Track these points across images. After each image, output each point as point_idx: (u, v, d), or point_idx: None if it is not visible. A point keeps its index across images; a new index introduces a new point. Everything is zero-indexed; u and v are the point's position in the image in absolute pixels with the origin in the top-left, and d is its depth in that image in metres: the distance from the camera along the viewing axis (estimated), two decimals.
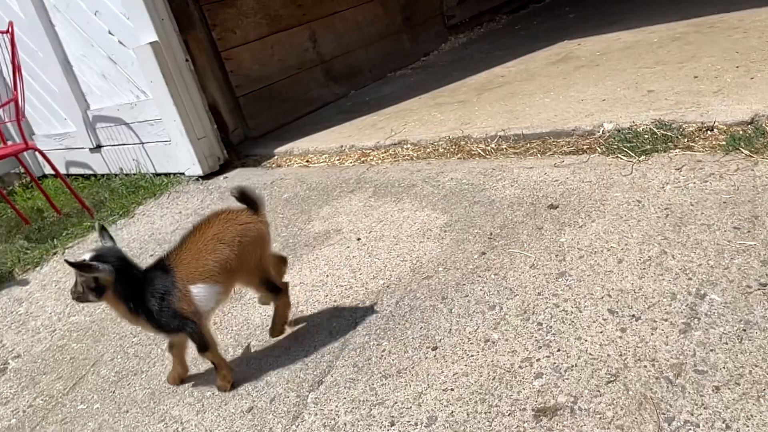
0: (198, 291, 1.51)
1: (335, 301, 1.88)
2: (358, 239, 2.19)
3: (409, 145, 2.91)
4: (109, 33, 3.51)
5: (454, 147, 2.68)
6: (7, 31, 3.44)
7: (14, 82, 3.44)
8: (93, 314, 2.37)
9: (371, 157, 2.98)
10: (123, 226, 3.23)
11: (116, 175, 4.09)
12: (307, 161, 3.29)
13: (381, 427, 1.36)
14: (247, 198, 1.59)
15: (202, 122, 3.44)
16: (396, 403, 1.41)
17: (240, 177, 3.36)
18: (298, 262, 2.19)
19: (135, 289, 1.52)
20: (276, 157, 3.50)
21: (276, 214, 2.66)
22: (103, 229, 1.63)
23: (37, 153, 3.96)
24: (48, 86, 4.20)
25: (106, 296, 1.53)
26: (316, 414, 1.46)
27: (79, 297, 1.55)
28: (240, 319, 1.98)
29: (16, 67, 3.41)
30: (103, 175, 4.25)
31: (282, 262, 1.80)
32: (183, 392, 1.73)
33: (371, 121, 3.51)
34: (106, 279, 1.50)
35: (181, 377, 1.76)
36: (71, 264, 1.48)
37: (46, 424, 1.81)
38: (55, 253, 3.17)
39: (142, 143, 3.79)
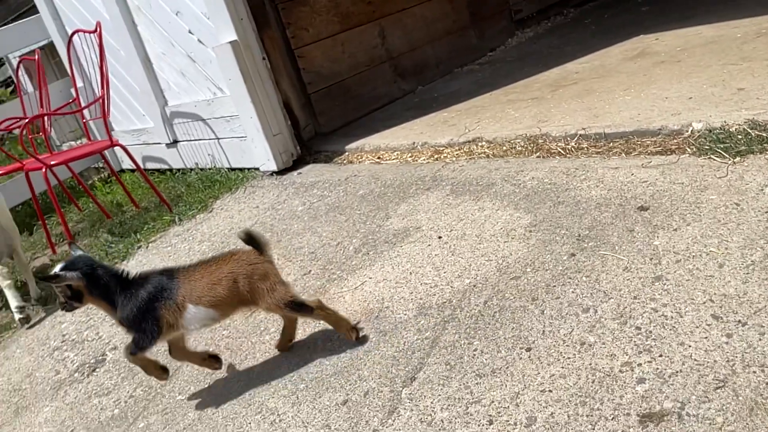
0: (194, 311, 1.68)
1: (421, 299, 1.91)
2: (440, 237, 2.20)
3: (483, 143, 2.90)
4: (189, 32, 3.63)
5: (531, 145, 2.66)
6: (95, 31, 3.61)
7: (101, 81, 3.61)
8: None
9: (445, 155, 2.99)
10: (203, 220, 3.35)
11: (191, 169, 4.24)
12: (379, 158, 3.33)
13: (479, 425, 1.38)
14: (253, 240, 1.72)
15: (277, 119, 3.53)
16: (493, 402, 1.42)
17: (313, 173, 3.42)
18: (380, 259, 2.23)
19: (114, 288, 1.70)
20: (347, 154, 3.55)
21: (353, 211, 2.71)
22: (71, 243, 1.86)
23: (116, 149, 4.14)
24: (129, 84, 4.38)
25: (86, 299, 1.73)
26: (412, 409, 1.50)
27: (65, 306, 1.74)
28: None
29: (103, 66, 3.58)
30: (178, 170, 4.40)
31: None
32: (277, 384, 1.79)
33: (442, 118, 3.52)
34: (78, 284, 1.68)
35: (208, 362, 1.89)
36: (42, 278, 1.75)
37: (147, 414, 1.90)
38: (139, 247, 3.32)
39: (218, 139, 3.91)
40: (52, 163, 3.53)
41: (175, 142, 4.30)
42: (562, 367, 1.44)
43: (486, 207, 2.28)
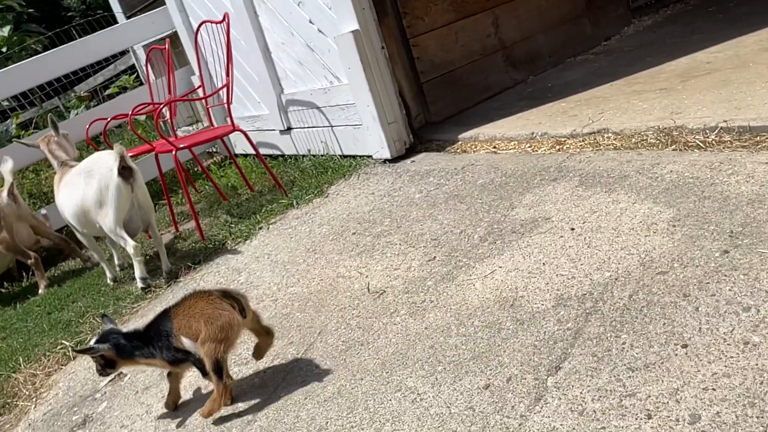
0: (185, 342, 1.93)
1: (558, 290, 1.89)
2: (572, 229, 2.17)
3: (610, 134, 2.82)
4: (310, 22, 3.74)
5: (665, 137, 2.56)
6: (222, 21, 3.79)
7: (227, 69, 3.79)
8: (310, 286, 2.58)
9: (567, 146, 2.93)
10: (319, 204, 3.46)
11: (304, 156, 4.38)
12: (495, 147, 3.30)
13: (636, 419, 1.35)
14: (229, 296, 1.91)
15: (393, 107, 3.58)
16: (649, 396, 1.40)
17: (427, 161, 3.45)
18: (508, 249, 2.22)
19: (140, 344, 1.99)
20: (460, 143, 3.55)
21: (473, 200, 2.71)
22: (104, 316, 2.18)
23: (233, 134, 4.33)
24: (247, 72, 4.57)
25: (118, 365, 2.04)
26: (560, 398, 1.49)
27: (101, 372, 2.06)
28: (457, 299, 2.06)
29: (230, 55, 3.76)
30: (290, 156, 4.56)
31: (268, 334, 2.07)
32: (414, 365, 1.83)
33: (560, 108, 3.44)
34: (110, 354, 1.99)
35: (175, 403, 2.13)
36: (78, 351, 2.10)
37: (287, 384, 2.00)
38: (260, 228, 3.47)
39: (332, 126, 4.01)
40: (181, 146, 3.75)
41: (289, 129, 4.45)
42: (725, 366, 1.39)
43: (621, 200, 2.22)
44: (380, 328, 2.08)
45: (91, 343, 2.01)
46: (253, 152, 4.93)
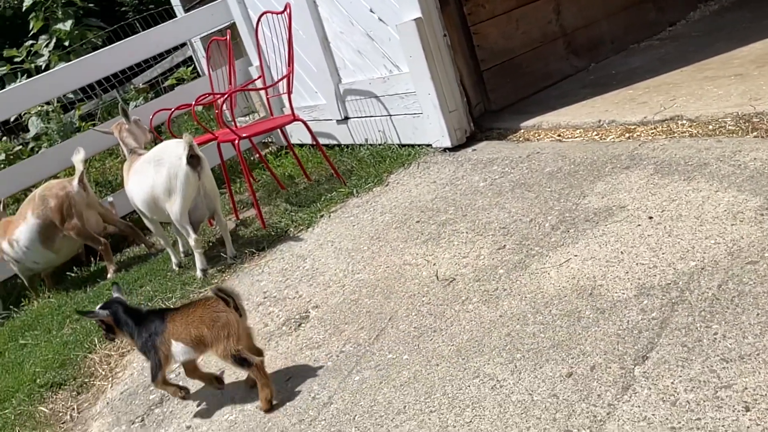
0: (176, 346, 2.06)
1: (639, 279, 1.85)
2: (650, 218, 2.12)
3: (685, 121, 2.73)
4: (370, 11, 3.74)
5: (746, 124, 2.47)
6: (283, 12, 3.83)
7: (289, 59, 3.84)
8: (376, 273, 2.59)
9: (638, 133, 2.85)
10: (380, 193, 3.47)
11: (361, 145, 4.39)
12: (559, 136, 3.25)
13: (734, 411, 1.32)
14: (224, 293, 1.99)
15: (454, 96, 3.55)
16: (746, 388, 1.36)
17: (488, 149, 3.42)
18: (583, 237, 2.19)
19: (133, 324, 2.12)
20: (522, 131, 3.51)
21: (542, 188, 2.68)
22: (114, 284, 2.33)
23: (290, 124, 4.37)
24: (304, 63, 4.61)
25: (116, 332, 2.16)
26: (650, 388, 1.46)
27: (105, 336, 2.21)
28: (532, 288, 2.04)
29: (291, 45, 3.80)
30: (346, 146, 4.58)
31: (259, 354, 2.10)
32: (490, 352, 1.83)
33: (627, 96, 3.35)
34: (109, 320, 2.13)
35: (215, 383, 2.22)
36: (80, 313, 2.51)
37: (360, 369, 2.02)
38: (321, 216, 3.50)
39: (390, 115, 4.01)
40: (244, 135, 3.82)
41: (346, 118, 4.47)
42: None
43: (701, 188, 2.15)
44: (453, 316, 2.08)
45: (97, 308, 2.16)
46: (309, 142, 5.00)
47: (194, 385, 2.32)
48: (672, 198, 2.17)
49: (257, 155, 4.90)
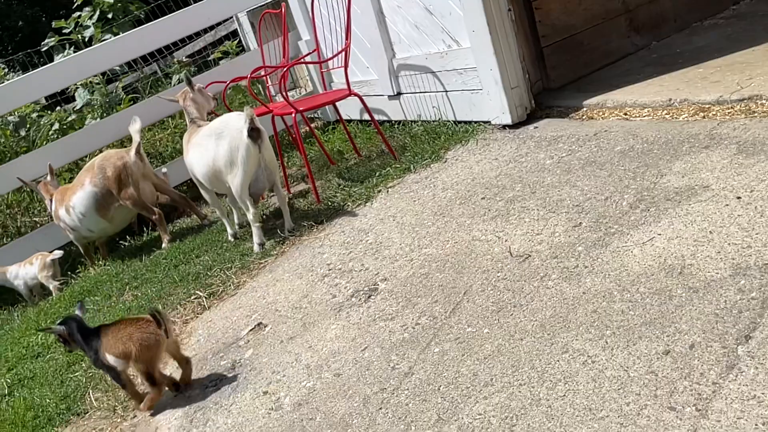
0: (110, 358, 2.26)
1: (733, 259, 1.81)
2: (738, 198, 2.06)
3: (765, 101, 2.65)
4: None
5: None
6: None
7: (347, 32, 3.81)
8: (444, 248, 2.58)
9: (713, 113, 2.78)
10: (438, 169, 3.44)
11: (413, 121, 4.36)
12: (626, 114, 3.18)
13: None
14: (156, 316, 2.20)
15: (516, 72, 3.50)
16: None
17: (551, 127, 3.36)
18: (665, 216, 2.15)
19: (82, 339, 2.30)
20: (585, 109, 3.44)
21: (614, 166, 2.63)
22: (79, 302, 2.50)
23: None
24: (358, 37, 4.56)
25: (72, 346, 2.34)
26: (757, 367, 1.44)
27: (65, 348, 2.43)
28: (615, 266, 2.01)
29: (349, 18, 3.77)
30: (397, 122, 4.55)
31: (187, 363, 2.40)
32: (577, 328, 1.81)
33: (697, 74, 3.26)
34: (64, 335, 2.31)
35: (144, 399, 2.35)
36: (40, 330, 2.76)
37: (439, 341, 2.03)
38: (379, 191, 3.49)
39: (446, 91, 3.97)
40: (301, 109, 3.81)
41: (399, 94, 4.43)
42: None
43: None
44: (532, 291, 2.06)
45: (55, 324, 2.37)
46: (358, 118, 4.99)
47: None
48: (761, 178, 2.11)
49: (307, 129, 4.91)
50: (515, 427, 1.56)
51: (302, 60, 4.58)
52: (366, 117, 4.92)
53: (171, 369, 2.50)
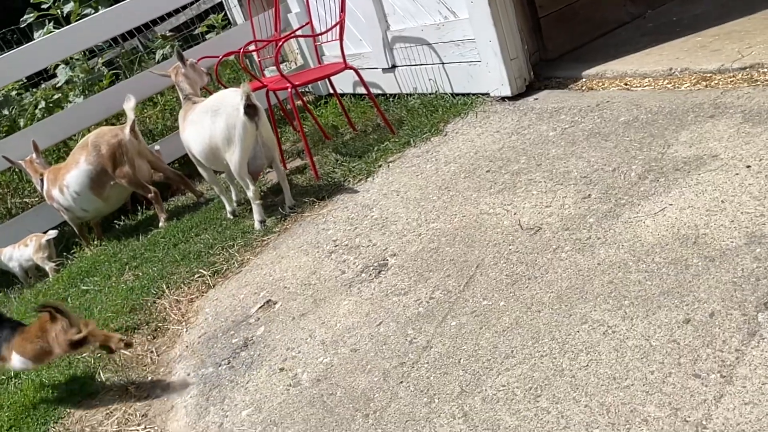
0: (15, 357, 2.42)
1: (747, 228, 1.84)
2: (748, 167, 2.09)
3: (766, 69, 2.66)
4: None
5: None
6: None
7: (342, 5, 3.74)
8: (452, 222, 2.59)
9: (716, 82, 2.79)
10: (439, 143, 3.43)
11: (409, 95, 4.32)
12: (626, 84, 3.19)
13: None
14: (49, 308, 2.35)
15: (515, 43, 3.47)
16: None
17: (551, 98, 3.36)
18: (675, 186, 2.17)
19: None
20: (584, 80, 3.44)
21: (620, 137, 2.64)
22: None
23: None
24: (351, 9, 4.47)
25: None
26: None
27: None
28: (628, 236, 2.03)
29: None
30: (392, 95, 4.51)
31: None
32: (595, 299, 1.83)
33: (696, 43, 3.27)
34: None
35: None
36: None
37: (455, 314, 2.04)
38: (380, 166, 3.48)
39: (443, 63, 3.93)
40: (297, 83, 3.76)
41: (393, 67, 4.39)
42: None
43: None
44: (545, 264, 2.08)
45: None
46: (351, 91, 4.93)
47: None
48: None
49: (299, 104, 4.84)
50: (540, 397, 1.59)
51: (295, 34, 4.48)
52: (359, 90, 4.88)
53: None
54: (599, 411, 1.47)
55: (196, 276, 3.09)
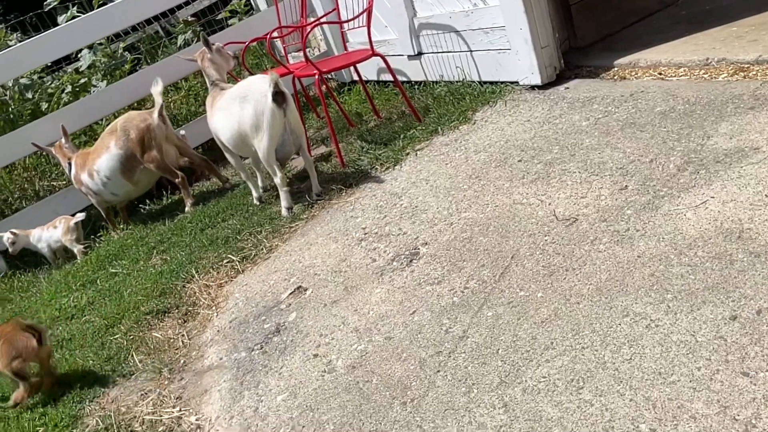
0: None
1: None
2: None
3: None
4: None
5: None
6: None
7: None
8: (486, 211, 2.58)
9: (754, 72, 2.74)
10: (468, 131, 3.41)
11: (435, 82, 4.29)
12: (660, 74, 3.14)
13: None
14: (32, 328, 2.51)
15: (546, 31, 3.43)
16: None
17: (583, 87, 3.32)
18: (717, 179, 2.13)
19: None
20: (616, 69, 3.39)
21: (656, 128, 2.60)
22: None
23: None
24: None
25: None
26: None
27: None
28: (668, 229, 2.01)
29: None
30: (417, 82, 4.48)
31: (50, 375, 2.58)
32: (636, 292, 1.82)
33: (731, 33, 3.21)
34: None
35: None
36: None
37: (491, 305, 2.03)
38: (407, 154, 3.46)
39: (471, 51, 3.90)
40: (324, 70, 3.74)
41: (419, 54, 4.35)
42: None
43: None
44: (583, 255, 2.07)
45: None
46: (374, 78, 4.91)
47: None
48: None
49: (320, 91, 4.82)
50: (582, 389, 1.58)
51: (322, 20, 4.46)
52: (383, 77, 4.86)
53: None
54: (645, 406, 1.46)
55: (224, 261, 3.11)
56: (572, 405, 1.55)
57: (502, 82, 3.77)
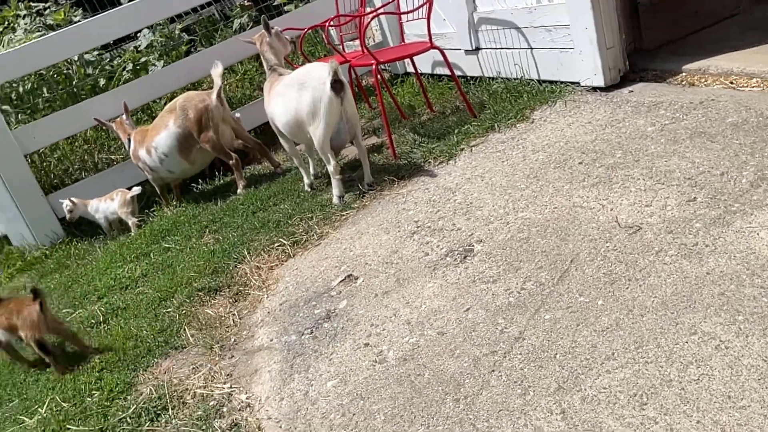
0: None
1: None
2: None
3: None
4: None
5: None
6: None
7: None
8: (544, 212, 2.54)
9: None
10: (525, 130, 3.36)
11: (492, 78, 4.24)
12: (731, 83, 3.04)
13: None
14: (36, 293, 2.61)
15: (612, 31, 3.36)
16: None
17: (648, 92, 3.24)
18: None
19: None
20: (684, 74, 3.30)
21: (728, 140, 2.52)
22: None
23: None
24: None
25: None
26: None
27: None
28: (740, 247, 1.95)
29: None
30: (473, 78, 4.44)
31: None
32: (705, 310, 1.77)
33: None
34: None
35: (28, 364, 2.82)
36: None
37: (549, 308, 2.01)
38: (462, 149, 3.44)
39: (531, 49, 3.84)
40: (382, 60, 3.74)
41: (477, 49, 4.31)
42: None
43: None
44: (647, 266, 2.02)
45: None
46: (429, 72, 4.88)
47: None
48: None
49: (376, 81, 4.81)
50: (647, 405, 1.55)
51: (381, 10, 4.44)
52: (438, 71, 4.82)
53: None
54: (713, 428, 1.43)
55: (275, 245, 3.14)
56: (635, 420, 1.52)
57: (562, 82, 3.70)
